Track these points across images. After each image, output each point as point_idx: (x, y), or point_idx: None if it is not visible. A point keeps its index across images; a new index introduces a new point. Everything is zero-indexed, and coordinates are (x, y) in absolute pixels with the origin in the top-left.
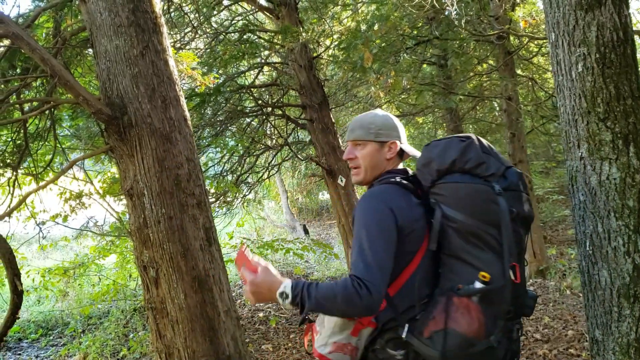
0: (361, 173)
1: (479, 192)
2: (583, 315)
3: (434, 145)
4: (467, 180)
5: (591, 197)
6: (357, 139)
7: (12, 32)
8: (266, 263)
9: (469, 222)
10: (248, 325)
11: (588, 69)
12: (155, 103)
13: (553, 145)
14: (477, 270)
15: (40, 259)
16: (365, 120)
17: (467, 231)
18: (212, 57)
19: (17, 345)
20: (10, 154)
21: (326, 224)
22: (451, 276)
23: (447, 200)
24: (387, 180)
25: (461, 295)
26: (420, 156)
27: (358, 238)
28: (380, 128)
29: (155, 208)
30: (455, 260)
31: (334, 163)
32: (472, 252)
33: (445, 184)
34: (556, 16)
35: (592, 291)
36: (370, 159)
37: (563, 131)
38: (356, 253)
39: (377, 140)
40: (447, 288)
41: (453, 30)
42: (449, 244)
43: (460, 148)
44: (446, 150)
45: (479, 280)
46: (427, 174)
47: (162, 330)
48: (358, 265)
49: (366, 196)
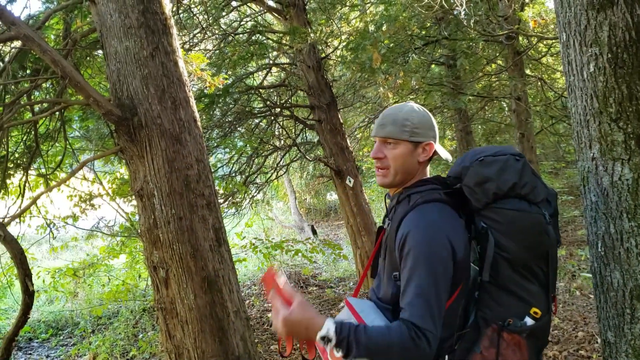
0: (389, 176)
1: (535, 224)
2: (593, 317)
3: (489, 163)
4: (525, 208)
5: (603, 198)
6: (389, 136)
7: (23, 34)
8: (302, 297)
9: (523, 254)
10: (257, 326)
11: (600, 69)
12: (165, 104)
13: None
14: (527, 304)
15: (50, 260)
16: (400, 115)
17: (518, 262)
18: (221, 58)
19: (27, 345)
20: (21, 155)
21: (334, 225)
22: (496, 307)
23: (502, 228)
24: (433, 196)
25: (512, 332)
26: (472, 172)
27: (418, 277)
28: (416, 126)
29: (165, 209)
30: (502, 291)
31: (342, 164)
32: (520, 283)
33: (501, 210)
34: (567, 16)
35: (604, 293)
36: (403, 162)
37: (575, 132)
38: (414, 294)
39: (411, 140)
40: (491, 319)
41: (462, 30)
42: (496, 273)
43: (518, 170)
44: (505, 171)
45: (530, 317)
46: (481, 195)
47: (171, 330)
48: (417, 312)
49: (422, 222)
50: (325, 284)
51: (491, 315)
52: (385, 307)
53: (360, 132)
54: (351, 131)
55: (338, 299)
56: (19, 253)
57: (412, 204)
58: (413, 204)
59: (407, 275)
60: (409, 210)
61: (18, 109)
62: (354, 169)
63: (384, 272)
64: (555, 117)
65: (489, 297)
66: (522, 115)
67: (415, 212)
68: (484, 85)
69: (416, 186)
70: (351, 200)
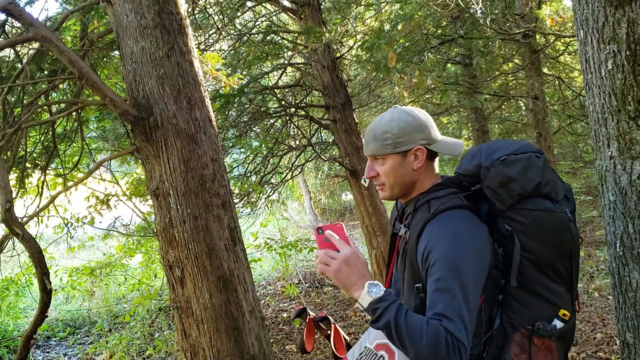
0: (386, 190)
1: (560, 222)
2: (612, 318)
3: (512, 162)
4: (549, 207)
5: (621, 197)
6: (373, 153)
7: (41, 35)
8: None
9: (548, 254)
10: (272, 326)
11: (618, 66)
12: (181, 104)
13: (580, 145)
14: (555, 306)
15: (68, 259)
16: (379, 129)
17: (544, 263)
18: (236, 58)
19: (45, 343)
20: (39, 155)
21: (349, 225)
22: (523, 311)
23: (527, 229)
24: (454, 202)
25: (542, 336)
26: (494, 173)
27: (448, 290)
28: (398, 136)
29: (181, 208)
30: (528, 294)
31: (357, 164)
32: (547, 284)
33: (526, 211)
34: (585, 13)
35: (622, 293)
36: (395, 175)
37: (592, 130)
38: (445, 305)
39: (397, 151)
40: (518, 323)
41: (478, 28)
42: (522, 275)
43: (541, 169)
44: (528, 170)
45: (559, 319)
46: (505, 197)
47: (187, 329)
48: (459, 325)
49: (446, 233)
50: None
51: (519, 320)
52: None
53: None
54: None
55: (353, 300)
56: (37, 252)
57: (432, 211)
58: (434, 212)
59: (434, 287)
60: (430, 219)
61: (36, 110)
62: None
63: (404, 283)
64: (573, 116)
65: (515, 300)
66: (539, 114)
67: (438, 221)
68: (501, 84)
69: (433, 191)
70: (366, 201)
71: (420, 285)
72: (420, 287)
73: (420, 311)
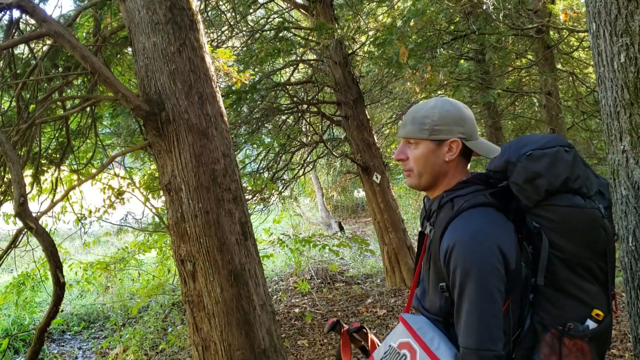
0: (414, 177)
1: (592, 219)
2: (625, 315)
3: (538, 157)
4: (580, 203)
5: (634, 191)
6: (408, 136)
7: (54, 31)
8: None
9: (579, 253)
10: (284, 321)
11: (631, 59)
12: (192, 99)
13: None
14: (587, 306)
15: (82, 254)
16: (420, 112)
17: (575, 262)
18: (248, 55)
19: (60, 337)
20: (53, 151)
21: (361, 222)
22: (554, 311)
23: (556, 227)
24: (478, 200)
25: (573, 337)
26: (520, 168)
27: (470, 295)
28: (437, 123)
29: (192, 202)
30: (559, 293)
31: (369, 160)
32: (579, 284)
33: (555, 207)
34: (597, 5)
35: (635, 288)
36: (425, 162)
37: (604, 124)
38: (468, 315)
39: (432, 138)
40: (549, 324)
41: (491, 24)
42: (552, 274)
43: (570, 163)
44: (555, 165)
45: (592, 319)
46: (532, 193)
47: (198, 323)
48: (473, 337)
49: (467, 233)
50: (352, 281)
51: (549, 320)
52: (435, 319)
53: (388, 128)
54: (378, 127)
55: (365, 295)
56: (50, 245)
57: (456, 210)
58: (457, 210)
59: (458, 292)
60: (453, 217)
61: (50, 105)
62: (381, 166)
63: (429, 281)
64: (587, 112)
65: (546, 300)
66: (552, 110)
67: (460, 220)
68: (514, 80)
69: (458, 189)
70: (378, 197)
71: (444, 285)
72: (444, 286)
73: (446, 311)
